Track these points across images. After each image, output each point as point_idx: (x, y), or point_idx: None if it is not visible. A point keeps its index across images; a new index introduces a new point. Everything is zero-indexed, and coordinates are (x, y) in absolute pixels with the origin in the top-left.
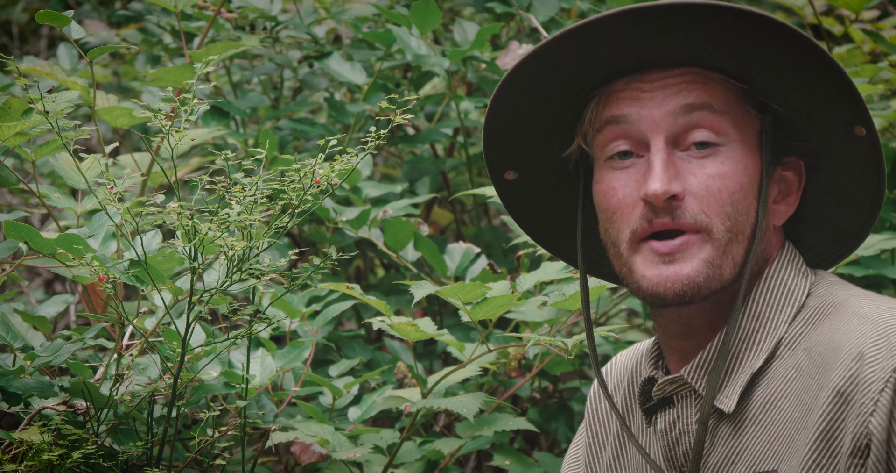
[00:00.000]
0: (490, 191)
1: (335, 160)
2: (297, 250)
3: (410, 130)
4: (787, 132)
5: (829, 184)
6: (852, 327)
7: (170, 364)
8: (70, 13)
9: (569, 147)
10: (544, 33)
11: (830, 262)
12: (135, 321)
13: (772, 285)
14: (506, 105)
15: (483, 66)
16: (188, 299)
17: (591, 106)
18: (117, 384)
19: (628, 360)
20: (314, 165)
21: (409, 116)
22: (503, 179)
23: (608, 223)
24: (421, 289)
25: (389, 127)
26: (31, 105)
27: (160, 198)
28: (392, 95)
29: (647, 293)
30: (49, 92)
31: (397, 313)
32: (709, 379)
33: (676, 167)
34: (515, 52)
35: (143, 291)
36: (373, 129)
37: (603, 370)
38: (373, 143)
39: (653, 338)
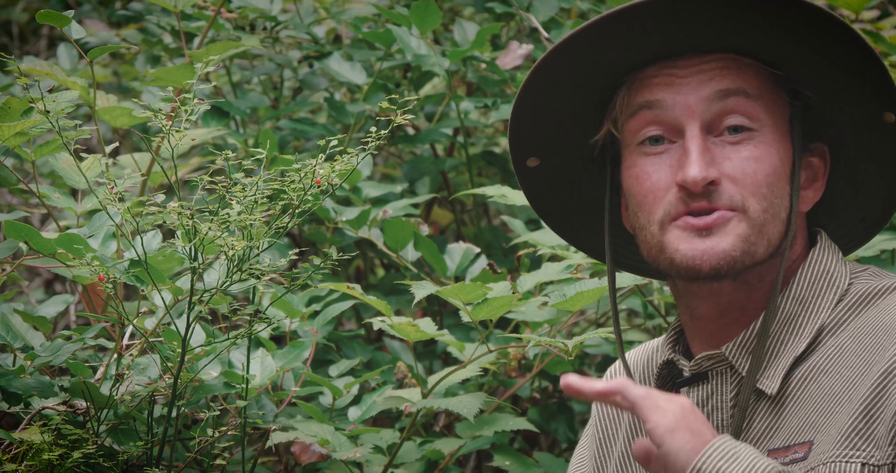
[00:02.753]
0: (490, 191)
1: (335, 160)
2: (296, 250)
3: (410, 130)
4: (815, 118)
5: (851, 171)
6: None
7: (170, 364)
8: (70, 13)
9: (595, 134)
10: (544, 33)
11: (846, 251)
12: (135, 321)
13: (816, 270)
14: (536, 90)
15: (483, 66)
16: (188, 299)
17: (623, 91)
18: (117, 384)
19: (638, 356)
20: (314, 166)
21: (410, 116)
22: (525, 166)
23: (638, 207)
24: (422, 289)
25: (390, 128)
26: (32, 105)
27: (160, 198)
28: (392, 96)
29: (681, 267)
30: (49, 92)
31: (397, 313)
32: (751, 359)
33: (712, 153)
34: (515, 52)
35: (143, 291)
36: (373, 129)
37: (611, 368)
38: (373, 143)
39: (666, 333)
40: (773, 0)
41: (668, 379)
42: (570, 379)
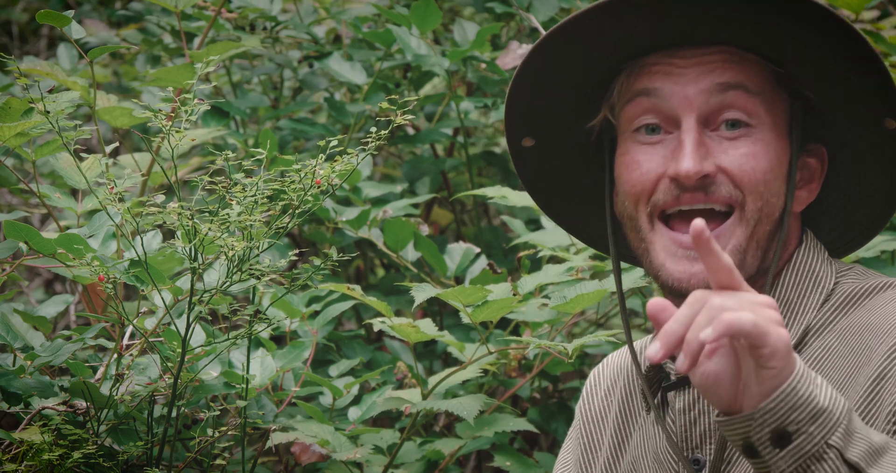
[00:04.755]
0: (491, 192)
1: (336, 161)
2: (297, 251)
3: (410, 130)
4: (815, 119)
5: (849, 173)
6: (891, 310)
7: (170, 364)
8: (70, 13)
9: (592, 119)
10: (544, 33)
11: (841, 253)
12: (135, 321)
13: (799, 271)
14: (533, 71)
15: (483, 66)
16: (188, 299)
17: (622, 78)
18: (117, 384)
19: (621, 359)
20: (315, 166)
21: (410, 116)
22: (521, 146)
23: (626, 196)
24: (422, 292)
25: (390, 128)
26: (32, 105)
27: (160, 198)
28: (392, 96)
29: (665, 285)
30: (49, 92)
31: (397, 313)
32: None
33: (707, 147)
34: (515, 52)
35: (143, 291)
36: (373, 129)
37: (595, 370)
38: (373, 144)
39: (653, 332)
40: None
41: (655, 381)
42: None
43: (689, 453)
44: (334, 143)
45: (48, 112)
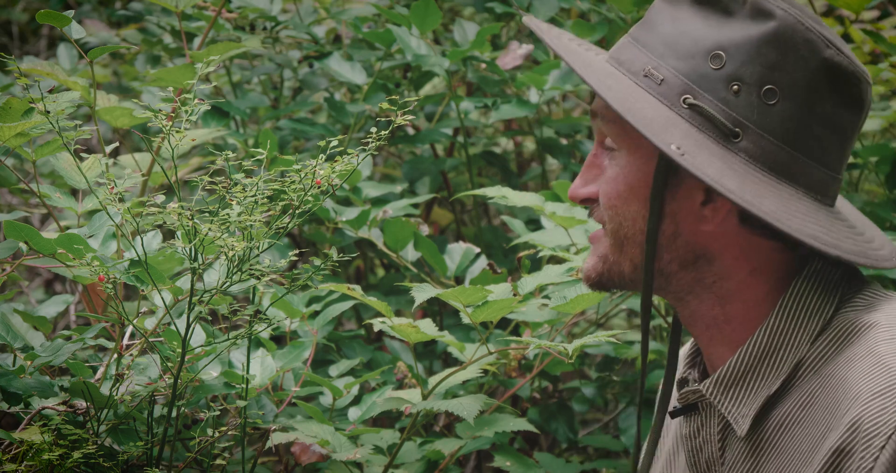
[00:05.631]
0: (491, 192)
1: (336, 161)
2: (297, 252)
3: (410, 130)
4: None
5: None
6: (865, 368)
7: (170, 364)
8: (70, 13)
9: None
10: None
11: None
12: (135, 321)
13: (796, 301)
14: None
15: (483, 66)
16: (188, 299)
17: None
18: (117, 384)
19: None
20: (315, 166)
21: (410, 117)
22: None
23: None
24: (422, 292)
25: (390, 128)
26: (33, 105)
27: (160, 198)
28: (393, 97)
29: None
30: (49, 92)
31: (397, 313)
32: (727, 396)
33: (600, 169)
34: (515, 52)
35: (143, 291)
36: (373, 130)
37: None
38: (373, 144)
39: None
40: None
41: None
42: None
43: None
44: (334, 143)
45: (49, 112)
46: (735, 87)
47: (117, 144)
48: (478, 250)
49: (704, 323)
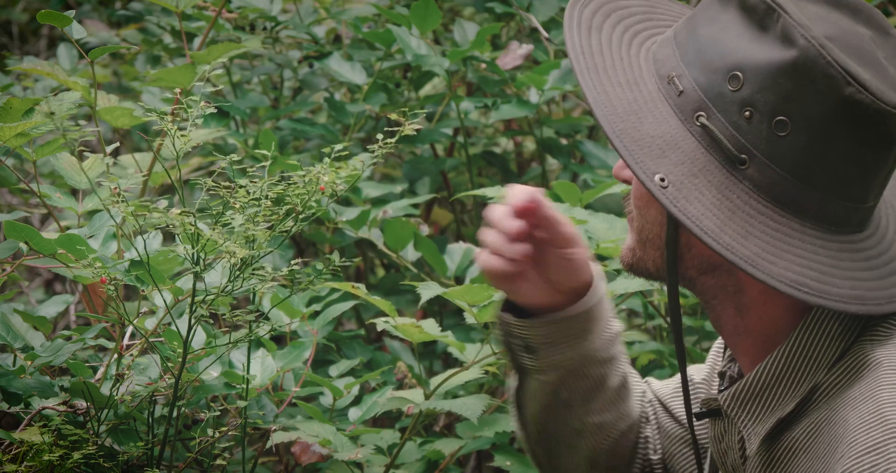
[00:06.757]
0: (491, 192)
1: (341, 167)
2: (299, 260)
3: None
4: None
5: None
6: (864, 414)
7: (170, 365)
8: (70, 13)
9: None
10: (544, 33)
11: None
12: (135, 322)
13: (817, 325)
14: None
15: (483, 66)
16: (189, 301)
17: None
18: (118, 385)
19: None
20: (319, 172)
21: (417, 126)
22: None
23: None
24: (428, 290)
25: (397, 137)
26: (36, 107)
27: (163, 203)
28: (403, 109)
29: None
30: (54, 94)
31: (398, 313)
32: (744, 410)
33: None
34: (515, 52)
35: (143, 291)
36: (379, 136)
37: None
38: (379, 151)
39: None
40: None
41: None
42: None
43: None
44: (339, 147)
45: (53, 114)
46: (747, 113)
47: (118, 144)
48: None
49: (727, 331)
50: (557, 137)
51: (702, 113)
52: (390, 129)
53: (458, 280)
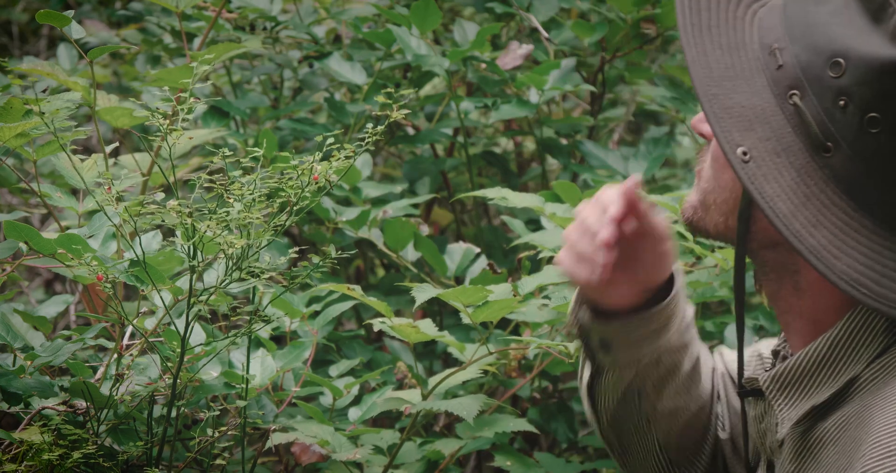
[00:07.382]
0: (491, 193)
1: (333, 157)
2: (296, 249)
3: (410, 130)
4: None
5: None
6: (888, 419)
7: (170, 364)
8: (70, 13)
9: None
10: (544, 33)
11: None
12: (135, 321)
13: (863, 318)
14: None
15: (483, 66)
16: (188, 298)
17: None
18: (117, 384)
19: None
20: (312, 162)
21: (406, 111)
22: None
23: None
24: (423, 293)
25: (386, 123)
26: (28, 107)
27: (159, 196)
28: (388, 90)
29: None
30: (45, 91)
31: (397, 313)
32: (782, 394)
33: None
34: (515, 52)
35: (142, 291)
36: (369, 125)
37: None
38: (370, 139)
39: None
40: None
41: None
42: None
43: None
44: (331, 139)
45: (44, 113)
46: (842, 102)
47: (117, 144)
48: (478, 250)
49: (781, 307)
50: (557, 137)
51: (796, 91)
52: (379, 114)
53: (458, 280)
